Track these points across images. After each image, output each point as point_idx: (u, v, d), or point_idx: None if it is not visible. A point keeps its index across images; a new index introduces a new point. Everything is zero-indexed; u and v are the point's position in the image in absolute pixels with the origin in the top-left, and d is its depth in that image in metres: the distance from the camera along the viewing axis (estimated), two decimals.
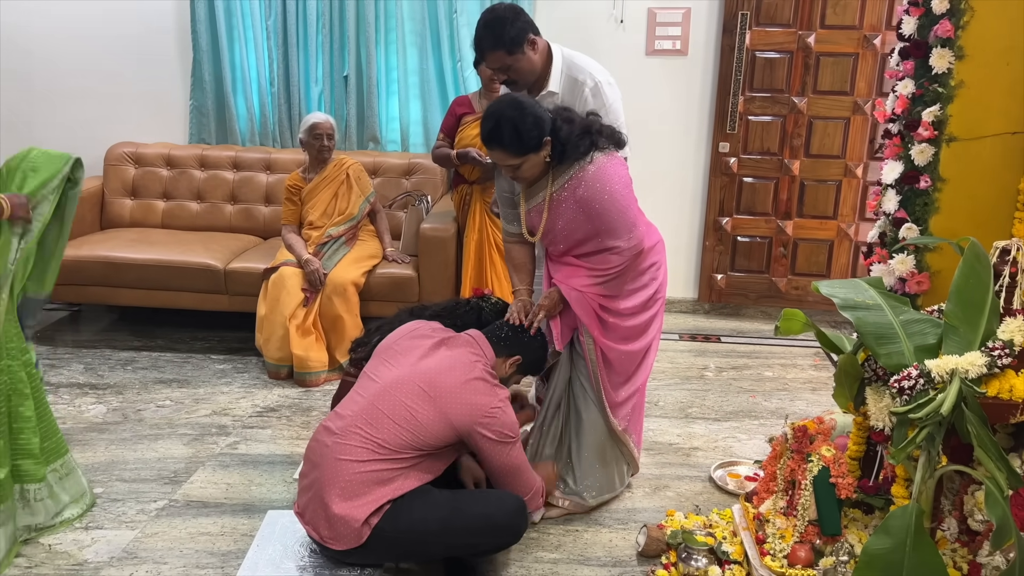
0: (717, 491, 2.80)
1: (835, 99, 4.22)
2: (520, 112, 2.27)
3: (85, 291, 4.00)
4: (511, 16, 2.58)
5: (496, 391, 2.19)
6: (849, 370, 2.15)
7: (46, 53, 4.53)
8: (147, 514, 2.60)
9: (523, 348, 2.39)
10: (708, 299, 4.59)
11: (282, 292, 3.59)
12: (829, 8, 4.12)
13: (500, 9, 2.62)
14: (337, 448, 2.11)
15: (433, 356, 2.23)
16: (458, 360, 2.22)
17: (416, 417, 2.11)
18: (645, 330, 2.60)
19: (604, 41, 4.28)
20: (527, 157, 2.31)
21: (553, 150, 2.34)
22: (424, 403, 2.12)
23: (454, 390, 2.14)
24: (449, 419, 2.11)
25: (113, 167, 4.44)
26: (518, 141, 2.27)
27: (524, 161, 2.31)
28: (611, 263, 2.43)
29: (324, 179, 3.83)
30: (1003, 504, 1.74)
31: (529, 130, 2.27)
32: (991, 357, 1.86)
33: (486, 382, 2.19)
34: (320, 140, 3.77)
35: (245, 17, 4.39)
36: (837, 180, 4.32)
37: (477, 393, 2.15)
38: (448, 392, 2.14)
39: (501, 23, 2.54)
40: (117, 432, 3.12)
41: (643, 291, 2.55)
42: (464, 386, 2.15)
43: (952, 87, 2.49)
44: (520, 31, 2.56)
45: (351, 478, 2.06)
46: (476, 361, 2.24)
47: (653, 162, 4.40)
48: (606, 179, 2.35)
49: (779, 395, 3.58)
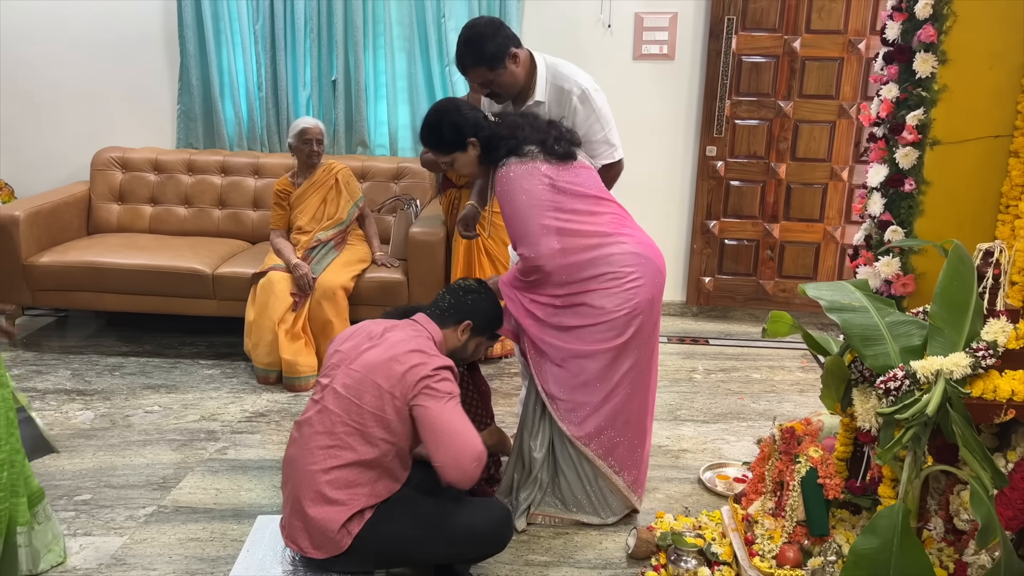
0: (706, 493, 2.81)
1: (820, 103, 4.26)
2: (439, 116, 2.47)
3: (72, 296, 3.98)
4: (491, 32, 2.59)
5: (431, 358, 2.11)
6: (836, 372, 2.17)
7: (32, 58, 4.51)
8: (136, 520, 2.58)
9: (469, 311, 2.34)
10: (696, 302, 4.61)
11: (270, 297, 3.58)
12: (814, 13, 4.16)
13: (480, 25, 2.62)
14: (302, 459, 2.11)
15: (375, 347, 2.17)
16: (397, 341, 2.15)
17: (362, 407, 2.07)
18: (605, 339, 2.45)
19: (591, 46, 4.31)
20: (453, 156, 2.48)
21: (482, 151, 2.47)
22: (366, 389, 2.08)
23: (387, 364, 2.09)
24: (385, 392, 2.05)
25: (100, 172, 4.42)
26: (435, 141, 2.48)
27: (453, 159, 2.49)
28: (521, 267, 2.46)
29: (313, 184, 3.83)
30: (988, 503, 1.77)
31: (444, 132, 2.45)
32: (975, 358, 1.88)
33: (421, 352, 2.12)
34: (309, 145, 3.77)
35: (233, 21, 4.39)
36: (823, 183, 4.36)
37: (409, 362, 2.08)
38: (381, 368, 2.09)
39: (481, 40, 2.56)
40: (105, 438, 3.11)
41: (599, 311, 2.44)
42: (396, 358, 2.09)
43: (936, 91, 2.52)
44: (501, 46, 2.57)
45: (320, 487, 2.07)
46: (415, 337, 2.18)
47: (641, 166, 4.42)
48: (507, 185, 2.41)
49: (767, 397, 3.60)
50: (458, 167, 2.51)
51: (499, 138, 2.44)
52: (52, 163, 4.62)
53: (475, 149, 2.46)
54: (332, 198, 3.85)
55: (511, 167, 2.41)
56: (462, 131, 2.44)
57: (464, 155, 2.47)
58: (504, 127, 2.46)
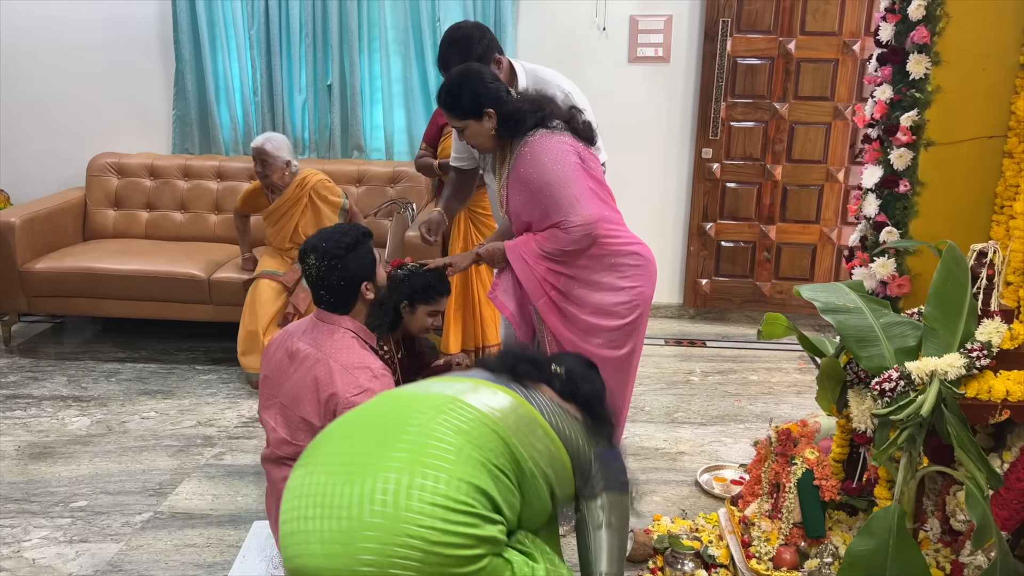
0: (703, 495, 2.81)
1: (816, 104, 4.26)
2: (461, 80, 2.36)
3: (68, 302, 3.97)
4: (477, 35, 2.60)
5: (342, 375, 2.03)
6: (831, 373, 2.17)
7: (28, 64, 4.50)
8: (132, 527, 2.58)
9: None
10: (693, 304, 4.61)
11: (256, 303, 3.57)
12: (809, 15, 4.16)
13: (466, 27, 2.64)
14: (275, 491, 2.13)
15: (295, 373, 2.11)
16: (312, 364, 2.09)
17: (310, 421, 2.06)
18: (617, 338, 2.46)
19: (586, 49, 4.31)
20: (466, 123, 2.38)
21: (500, 124, 2.37)
22: (300, 428, 2.08)
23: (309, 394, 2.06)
24: (318, 428, 1.99)
25: (96, 178, 4.42)
26: (451, 104, 2.37)
27: (465, 126, 2.38)
28: (560, 239, 2.33)
29: (285, 201, 3.65)
30: (983, 504, 1.76)
31: (464, 96, 2.34)
32: (970, 358, 1.88)
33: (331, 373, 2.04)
34: (255, 164, 3.59)
35: (228, 26, 4.39)
36: (819, 185, 4.36)
37: (328, 389, 2.03)
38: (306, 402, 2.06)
39: (468, 41, 2.57)
40: (101, 444, 3.10)
41: (616, 292, 2.42)
42: (317, 384, 2.05)
43: (929, 92, 2.52)
44: (487, 48, 2.59)
45: None
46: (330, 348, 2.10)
47: (636, 169, 4.43)
48: (543, 152, 2.32)
49: (764, 399, 3.60)
50: (468, 136, 2.40)
51: (523, 112, 2.36)
52: (48, 169, 4.62)
53: (490, 121, 2.36)
54: (309, 217, 3.69)
55: (543, 136, 2.34)
56: (481, 100, 2.34)
57: (478, 124, 2.37)
58: (527, 102, 2.40)
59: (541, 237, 2.37)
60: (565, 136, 2.38)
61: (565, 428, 1.66)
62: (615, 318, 2.44)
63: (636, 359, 2.56)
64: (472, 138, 2.41)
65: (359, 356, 2.05)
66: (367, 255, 2.15)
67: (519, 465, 1.52)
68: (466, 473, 1.43)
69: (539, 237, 2.38)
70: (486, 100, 2.34)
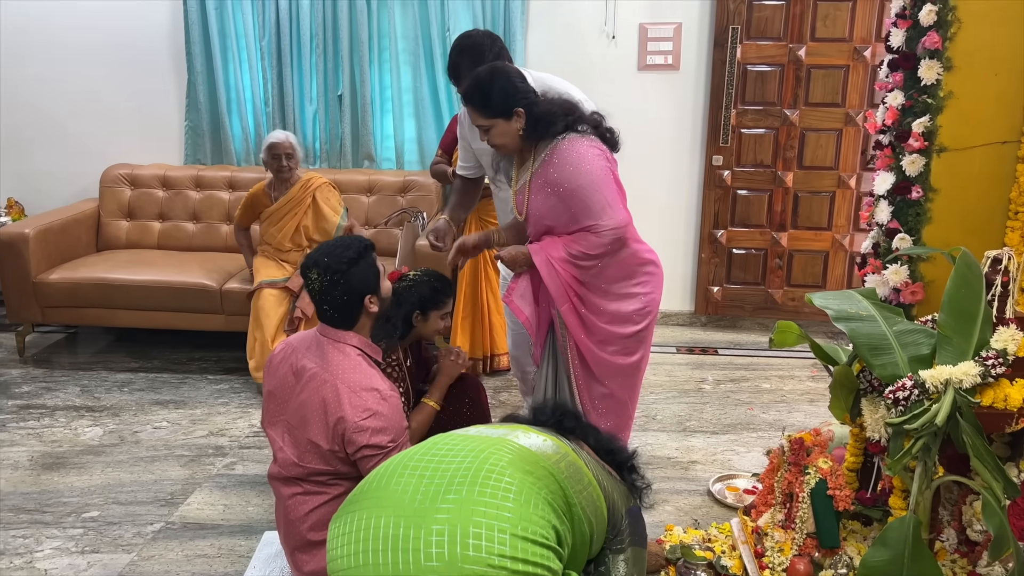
0: (716, 505, 2.79)
1: (827, 111, 4.24)
2: (491, 77, 2.34)
3: (81, 313, 4.00)
4: (488, 43, 2.60)
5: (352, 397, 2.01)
6: (844, 382, 2.15)
7: (42, 76, 4.55)
8: (143, 537, 2.58)
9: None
10: (704, 311, 4.59)
11: (261, 313, 3.58)
12: (819, 21, 4.15)
13: (477, 35, 2.65)
14: (282, 511, 2.13)
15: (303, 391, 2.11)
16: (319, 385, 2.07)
17: (313, 457, 2.06)
18: (630, 345, 2.48)
19: (596, 57, 4.31)
20: (494, 121, 2.34)
21: (529, 125, 2.35)
22: (308, 450, 2.06)
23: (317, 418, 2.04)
24: (326, 451, 2.02)
25: (109, 189, 4.45)
26: (481, 101, 2.33)
27: (492, 125, 2.35)
28: (590, 242, 2.32)
29: (289, 201, 3.76)
30: (1000, 514, 1.74)
31: (495, 94, 2.32)
32: (985, 367, 1.86)
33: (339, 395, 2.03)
34: (278, 160, 3.71)
35: (239, 38, 4.42)
36: (831, 191, 4.33)
37: (335, 413, 2.01)
38: (313, 424, 2.04)
39: (479, 48, 2.57)
40: (114, 455, 3.11)
41: (631, 300, 2.44)
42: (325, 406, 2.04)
43: (941, 98, 2.50)
44: (496, 57, 2.59)
45: (304, 534, 2.07)
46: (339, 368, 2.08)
47: (647, 176, 4.42)
48: (576, 157, 2.31)
49: (777, 407, 3.58)
50: (494, 135, 2.36)
51: (554, 114, 2.35)
52: (62, 180, 4.66)
53: (519, 121, 2.33)
54: (311, 219, 3.77)
55: (574, 139, 2.34)
56: (512, 99, 2.32)
57: (506, 124, 2.34)
58: (557, 105, 2.38)
59: (569, 239, 2.35)
60: (594, 140, 2.38)
61: (604, 481, 1.68)
62: (630, 324, 2.45)
63: (645, 364, 2.58)
64: (497, 137, 2.37)
65: (366, 377, 2.04)
66: (370, 268, 2.14)
67: (571, 509, 1.52)
68: (533, 506, 1.41)
69: (566, 239, 2.36)
70: (516, 99, 2.33)
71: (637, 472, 1.84)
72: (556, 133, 2.34)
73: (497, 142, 2.39)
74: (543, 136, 2.36)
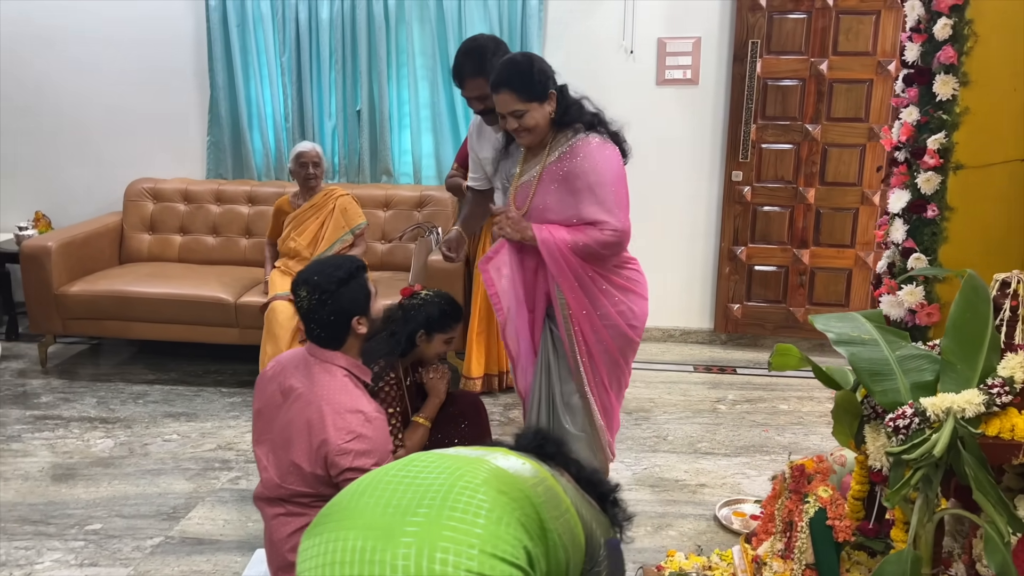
0: (722, 530, 2.71)
1: (850, 126, 4.15)
2: (530, 60, 2.38)
3: (100, 325, 4.06)
4: (493, 46, 2.60)
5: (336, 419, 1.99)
6: (848, 407, 2.08)
7: (71, 93, 4.65)
8: (142, 551, 2.59)
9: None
10: (724, 329, 4.51)
11: (274, 325, 3.60)
12: (841, 35, 4.07)
13: (483, 39, 2.66)
14: (268, 531, 2.12)
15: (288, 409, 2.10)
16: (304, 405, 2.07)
17: (296, 479, 2.04)
18: (625, 347, 2.53)
19: (614, 72, 4.28)
20: (531, 104, 2.33)
21: (558, 112, 2.37)
22: (291, 471, 2.05)
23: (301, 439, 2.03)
24: (307, 474, 2.00)
25: (132, 203, 4.52)
26: (522, 83, 2.32)
27: (528, 109, 2.33)
28: (594, 236, 2.35)
29: (312, 207, 3.86)
30: (1003, 551, 1.65)
31: (535, 75, 2.33)
32: (989, 395, 1.77)
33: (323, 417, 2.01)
34: (305, 168, 3.81)
35: (260, 54, 4.47)
36: (854, 208, 4.23)
37: (319, 435, 1.99)
38: (297, 445, 2.03)
39: (483, 51, 2.57)
40: (122, 467, 3.14)
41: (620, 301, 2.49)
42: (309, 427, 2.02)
43: (957, 114, 2.43)
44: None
45: (286, 555, 2.05)
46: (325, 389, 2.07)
47: (666, 192, 4.36)
48: (601, 156, 2.36)
49: (793, 429, 3.48)
50: (528, 120, 2.34)
51: (581, 103, 2.41)
52: (90, 194, 4.75)
53: (551, 105, 2.36)
54: (331, 227, 3.85)
55: (601, 140, 2.38)
56: (549, 80, 2.35)
57: (541, 108, 2.35)
58: (583, 97, 2.45)
59: (575, 228, 2.38)
60: (614, 146, 2.43)
61: (583, 510, 1.64)
62: (631, 327, 2.50)
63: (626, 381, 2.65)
64: (530, 119, 2.35)
65: (352, 398, 2.02)
66: (360, 289, 2.13)
67: (546, 534, 1.48)
68: (506, 525, 1.38)
69: (572, 228, 2.39)
70: (551, 82, 2.37)
71: (619, 506, 1.79)
72: (585, 124, 2.39)
73: (530, 124, 2.37)
74: (571, 122, 2.39)
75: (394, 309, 2.56)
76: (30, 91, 4.66)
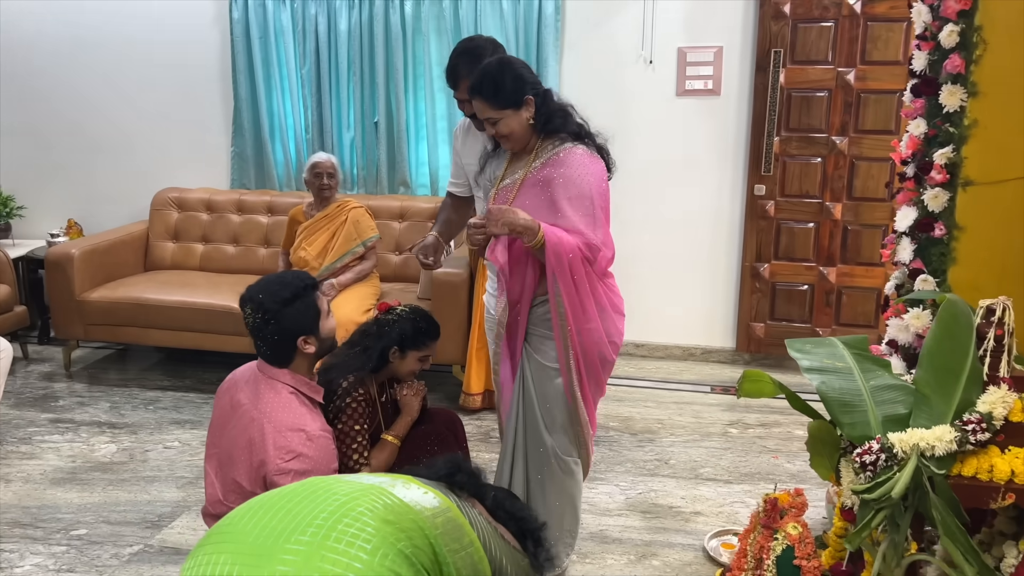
0: (709, 562, 2.58)
1: (879, 138, 3.96)
2: (502, 66, 2.29)
3: (120, 331, 4.13)
4: (490, 48, 2.55)
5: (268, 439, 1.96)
6: (825, 438, 1.96)
7: (107, 106, 4.78)
8: (120, 559, 2.60)
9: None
10: (747, 349, 4.34)
11: None
12: (870, 43, 3.89)
13: (479, 40, 2.63)
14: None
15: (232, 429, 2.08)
16: (244, 426, 2.04)
17: (240, 484, 2.01)
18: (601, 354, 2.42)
19: (633, 82, 4.18)
20: (504, 112, 2.25)
21: (539, 118, 2.29)
22: (233, 490, 2.02)
23: (242, 460, 2.00)
24: (248, 493, 1.96)
25: (158, 212, 4.62)
26: (492, 91, 2.24)
27: (501, 116, 2.26)
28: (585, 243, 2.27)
29: (325, 217, 3.88)
30: None
31: (506, 82, 2.24)
32: (963, 432, 1.63)
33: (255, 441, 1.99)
34: (320, 179, 3.84)
35: (281, 66, 4.52)
36: (883, 224, 4.03)
37: (256, 457, 1.96)
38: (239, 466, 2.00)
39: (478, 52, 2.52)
40: (119, 472, 3.17)
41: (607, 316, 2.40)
42: (251, 446, 1.99)
43: (965, 127, 2.29)
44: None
45: None
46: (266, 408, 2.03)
47: (685, 206, 4.24)
48: (586, 169, 2.27)
49: (804, 457, 3.27)
50: (502, 127, 2.26)
51: (565, 109, 2.33)
52: (121, 203, 4.87)
53: (528, 111, 2.26)
54: (340, 236, 3.87)
55: (588, 152, 2.31)
56: (525, 86, 2.25)
57: (516, 115, 2.25)
58: (568, 105, 2.36)
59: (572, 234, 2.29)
60: (600, 161, 2.35)
61: (492, 546, 1.55)
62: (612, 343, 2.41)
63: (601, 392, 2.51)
64: (505, 127, 2.27)
65: (295, 417, 1.99)
66: (307, 309, 2.08)
67: (440, 568, 1.40)
68: (388, 559, 1.31)
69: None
70: (526, 88, 2.27)
71: (542, 545, 1.69)
72: (569, 133, 2.31)
73: (504, 131, 2.29)
74: (556, 131, 2.31)
75: (370, 324, 2.53)
76: (69, 104, 4.82)
